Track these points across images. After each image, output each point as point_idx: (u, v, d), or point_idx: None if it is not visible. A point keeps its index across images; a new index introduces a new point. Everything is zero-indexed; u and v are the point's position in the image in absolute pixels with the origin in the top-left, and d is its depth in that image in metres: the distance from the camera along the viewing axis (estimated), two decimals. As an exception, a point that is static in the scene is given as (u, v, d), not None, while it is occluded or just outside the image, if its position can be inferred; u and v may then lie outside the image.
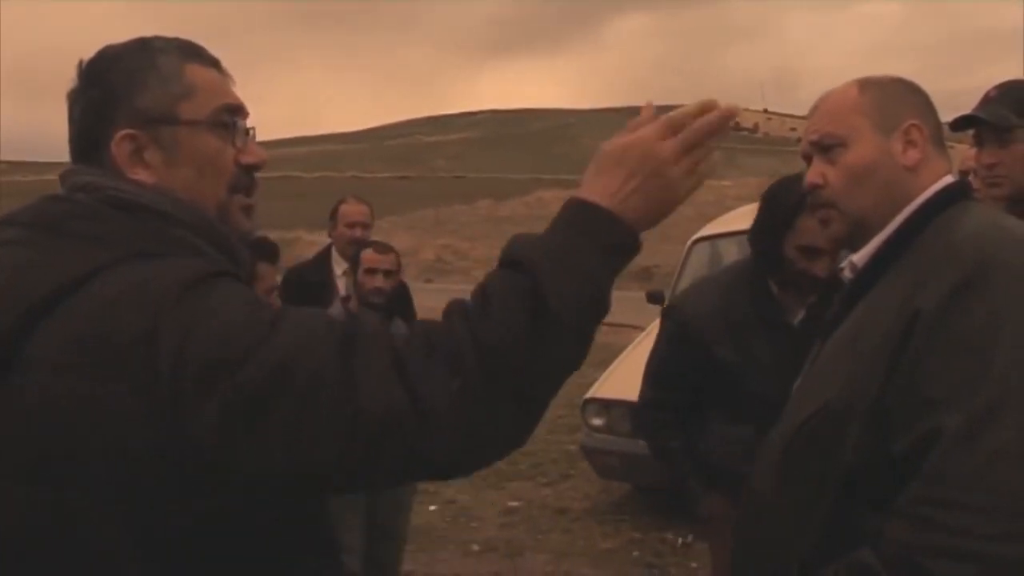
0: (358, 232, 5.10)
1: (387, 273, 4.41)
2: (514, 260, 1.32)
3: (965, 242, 1.68)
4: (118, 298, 1.27)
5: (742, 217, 9.04)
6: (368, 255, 4.43)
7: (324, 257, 5.33)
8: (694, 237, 8.47)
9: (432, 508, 7.07)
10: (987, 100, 3.06)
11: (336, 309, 4.50)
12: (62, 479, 1.28)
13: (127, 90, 1.44)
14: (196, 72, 1.48)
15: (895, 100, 1.89)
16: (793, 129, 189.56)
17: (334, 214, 5.24)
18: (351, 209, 5.21)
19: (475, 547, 6.36)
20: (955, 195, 1.84)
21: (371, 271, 4.39)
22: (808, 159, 1.95)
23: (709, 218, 9.45)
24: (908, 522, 1.54)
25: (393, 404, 1.22)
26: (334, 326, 1.29)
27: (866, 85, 1.91)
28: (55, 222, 1.39)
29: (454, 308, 1.31)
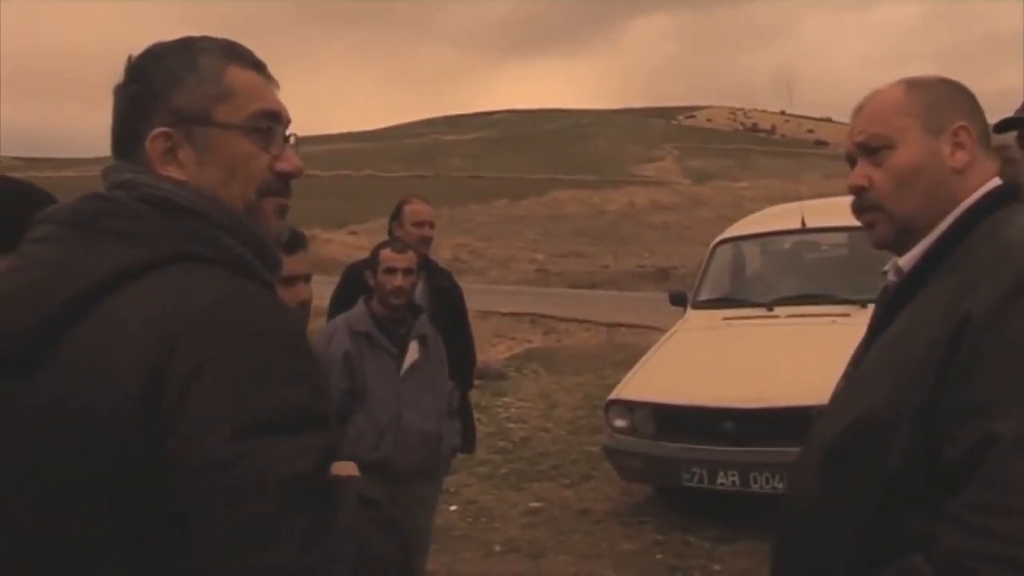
0: (426, 230, 5.13)
1: (406, 272, 4.39)
2: None
3: (1017, 245, 1.66)
4: (148, 322, 1.29)
5: (764, 219, 9.05)
6: (387, 254, 4.41)
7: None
8: (718, 239, 8.47)
9: (453, 508, 7.07)
10: None
11: (358, 309, 4.49)
12: (64, 479, 1.31)
13: (166, 88, 1.45)
14: (237, 74, 1.48)
15: (943, 101, 1.87)
16: (810, 131, 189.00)
17: (398, 214, 5.25)
18: (417, 208, 5.24)
19: (497, 548, 6.36)
20: (1004, 197, 1.81)
21: (391, 271, 4.37)
22: (852, 161, 1.92)
23: (726, 219, 9.45)
24: (961, 528, 1.52)
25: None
26: (319, 472, 1.29)
27: (913, 85, 1.89)
28: (91, 220, 1.40)
29: None
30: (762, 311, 7.28)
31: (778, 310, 7.20)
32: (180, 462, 1.25)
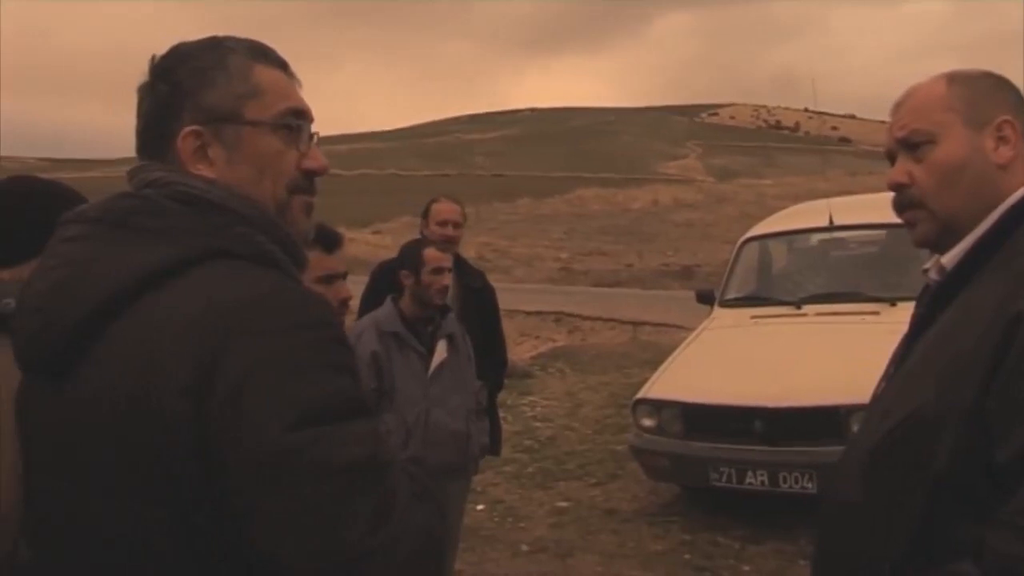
0: (450, 230, 5.13)
1: (449, 271, 4.44)
2: None
3: None
4: (191, 314, 1.31)
5: (790, 217, 9.01)
6: (433, 254, 4.42)
7: None
8: (744, 237, 8.43)
9: (480, 508, 7.06)
10: None
11: (386, 308, 4.48)
12: (117, 479, 1.33)
13: (195, 87, 1.45)
14: (264, 73, 1.49)
15: (986, 95, 1.83)
16: (835, 128, 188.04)
17: (426, 213, 5.25)
18: (443, 208, 5.24)
19: (524, 547, 6.34)
20: None
21: (438, 271, 4.38)
22: (892, 158, 1.88)
23: (750, 217, 9.41)
24: (1011, 532, 1.49)
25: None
26: (375, 456, 1.32)
27: (955, 79, 1.85)
28: (122, 218, 1.42)
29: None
30: (790, 309, 7.24)
31: (806, 308, 7.15)
32: (236, 456, 1.27)
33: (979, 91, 1.83)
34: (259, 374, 1.27)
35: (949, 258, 1.82)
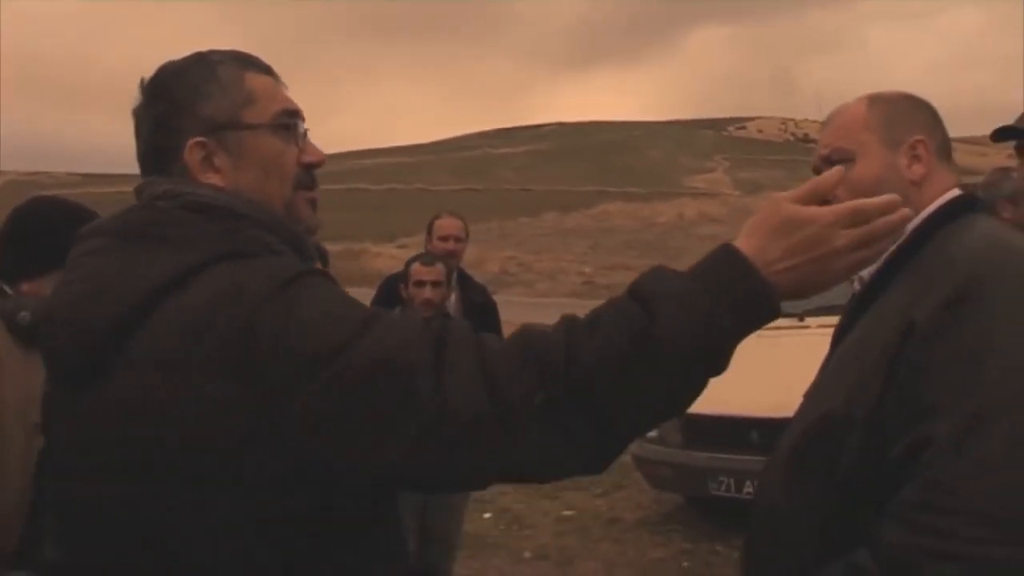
0: (451, 245, 5.25)
1: (434, 285, 4.53)
2: (641, 294, 1.33)
3: (962, 256, 1.73)
4: (216, 296, 1.36)
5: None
6: (416, 268, 4.56)
7: None
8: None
9: (486, 516, 7.17)
10: None
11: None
12: (163, 475, 1.35)
13: (191, 101, 1.53)
14: (254, 80, 1.57)
15: (902, 116, 1.94)
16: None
17: (429, 229, 5.39)
18: (444, 223, 5.37)
19: (527, 554, 6.45)
20: (960, 208, 1.88)
21: (419, 284, 4.51)
22: (819, 173, 2.00)
23: (773, 230, 9.42)
24: (900, 525, 1.59)
25: (475, 407, 1.27)
26: (428, 327, 1.35)
27: (875, 101, 1.97)
28: (140, 229, 1.48)
29: (563, 322, 1.34)
30: (793, 321, 7.29)
31: (809, 320, 7.21)
32: (290, 404, 1.30)
33: (896, 112, 1.95)
34: (291, 328, 1.31)
35: (867, 269, 1.94)
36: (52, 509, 1.59)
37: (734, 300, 1.33)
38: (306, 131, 1.62)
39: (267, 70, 1.61)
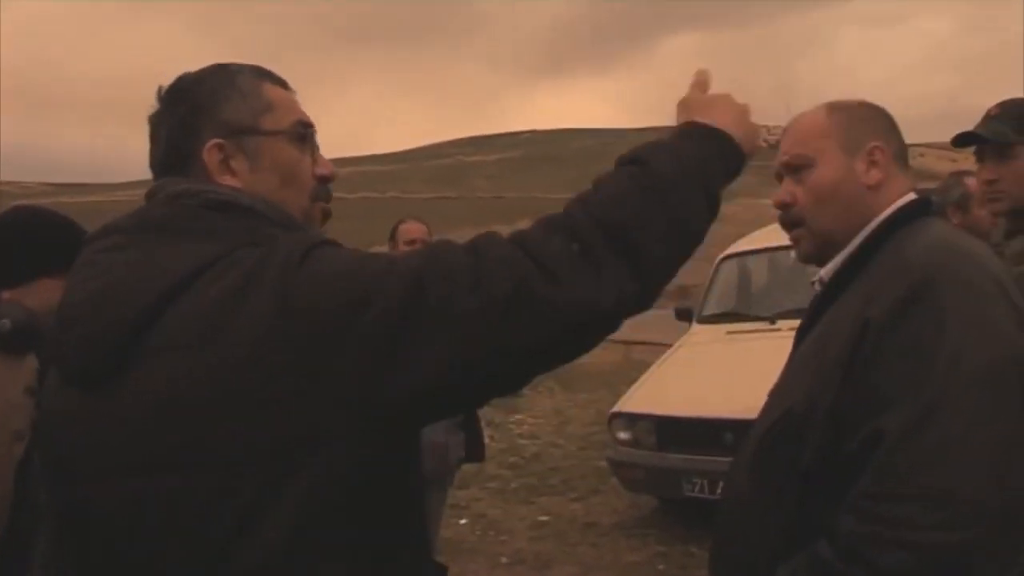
0: (417, 247, 5.27)
1: (424, 243, 4.59)
2: (628, 157, 1.51)
3: (915, 257, 1.80)
4: (243, 276, 1.36)
5: (770, 235, 9.11)
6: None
7: None
8: (723, 254, 8.58)
9: (463, 522, 7.21)
10: (988, 117, 3.15)
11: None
12: (197, 462, 1.32)
13: (212, 105, 1.55)
14: (271, 90, 1.61)
15: (860, 123, 2.01)
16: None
17: (393, 235, 5.42)
18: (409, 227, 5.39)
19: (504, 559, 6.48)
20: (915, 212, 1.94)
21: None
22: (780, 179, 2.07)
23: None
24: (856, 515, 1.66)
25: (522, 273, 1.34)
26: (456, 244, 1.41)
27: (834, 109, 2.03)
28: (161, 223, 1.49)
29: (571, 199, 1.47)
30: (765, 325, 7.39)
31: (780, 323, 7.29)
32: (344, 345, 1.30)
33: (854, 119, 2.01)
34: (326, 274, 1.34)
35: (826, 271, 2.01)
36: (61, 520, 1.51)
37: (710, 148, 1.55)
38: (318, 145, 1.65)
39: (283, 83, 1.64)
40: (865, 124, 2.01)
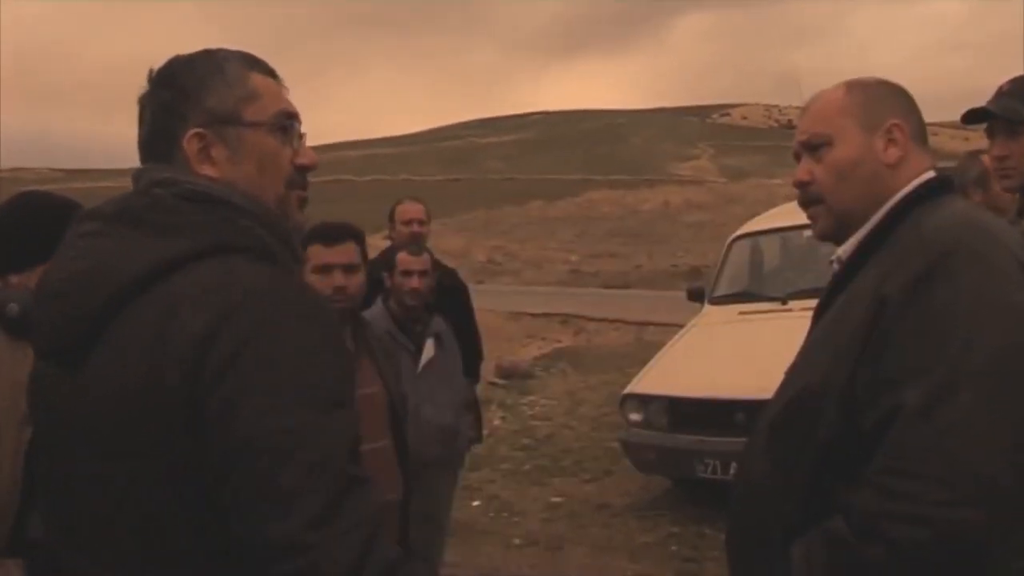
0: (415, 228, 5.28)
1: (422, 274, 4.54)
2: None
3: (932, 233, 1.79)
4: (195, 297, 1.42)
5: (782, 214, 9.09)
6: (402, 257, 4.57)
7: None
8: (735, 235, 8.55)
9: (476, 504, 7.23)
10: (1000, 94, 3.14)
11: (377, 308, 4.64)
12: (126, 455, 1.43)
13: (197, 91, 1.58)
14: (258, 80, 1.62)
15: (878, 101, 1.99)
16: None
17: (391, 216, 5.40)
18: (406, 208, 5.39)
19: (516, 541, 6.51)
20: (934, 190, 1.93)
21: (406, 273, 4.53)
22: (798, 158, 2.05)
23: (761, 217, 9.48)
24: (872, 491, 1.66)
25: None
26: (339, 456, 1.39)
27: (852, 87, 2.02)
28: (137, 215, 1.54)
29: None
30: (777, 305, 7.37)
31: (792, 304, 7.27)
32: (216, 429, 1.36)
33: (873, 97, 2.00)
34: (247, 357, 1.37)
35: (844, 249, 1.99)
36: (40, 487, 1.68)
37: None
38: (303, 135, 1.67)
39: (271, 73, 1.66)
40: (884, 102, 1.99)
